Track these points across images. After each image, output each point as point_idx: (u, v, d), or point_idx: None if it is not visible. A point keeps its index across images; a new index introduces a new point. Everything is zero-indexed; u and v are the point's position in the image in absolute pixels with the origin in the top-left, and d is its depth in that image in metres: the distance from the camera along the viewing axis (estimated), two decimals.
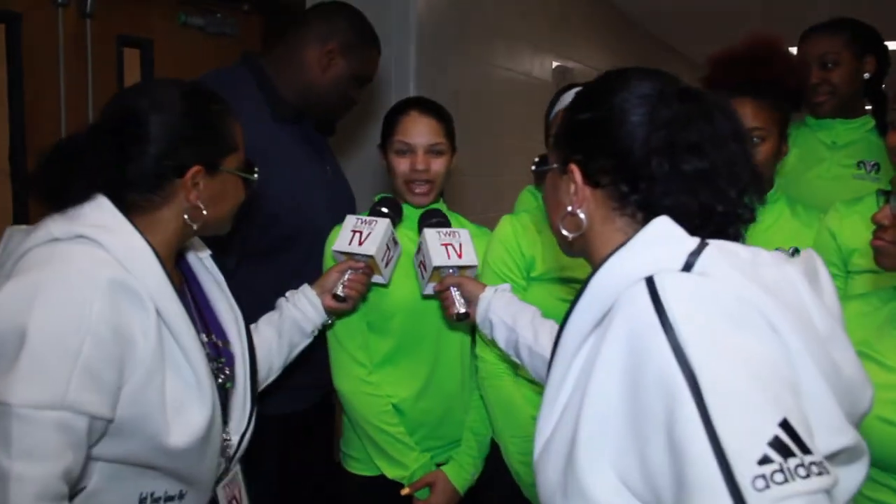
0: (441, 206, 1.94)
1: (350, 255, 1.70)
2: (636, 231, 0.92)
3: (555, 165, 1.07)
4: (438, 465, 1.87)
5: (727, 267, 0.83)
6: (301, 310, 1.66)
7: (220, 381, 1.33)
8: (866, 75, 2.32)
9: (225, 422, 1.35)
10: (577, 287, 1.72)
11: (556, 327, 1.48)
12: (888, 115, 1.61)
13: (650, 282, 0.83)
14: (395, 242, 1.77)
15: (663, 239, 0.88)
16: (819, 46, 2.31)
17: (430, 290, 1.75)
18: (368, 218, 1.73)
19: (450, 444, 1.91)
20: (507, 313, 1.59)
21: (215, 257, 1.50)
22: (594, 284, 0.90)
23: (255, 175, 1.40)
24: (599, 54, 5.32)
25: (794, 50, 2.31)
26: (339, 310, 1.72)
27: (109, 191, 1.20)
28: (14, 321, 1.05)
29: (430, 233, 1.73)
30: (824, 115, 2.35)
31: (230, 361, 1.40)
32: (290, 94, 2.03)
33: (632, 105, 0.97)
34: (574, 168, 1.02)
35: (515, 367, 1.80)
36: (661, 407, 0.76)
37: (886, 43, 2.38)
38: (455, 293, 1.67)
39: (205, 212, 1.28)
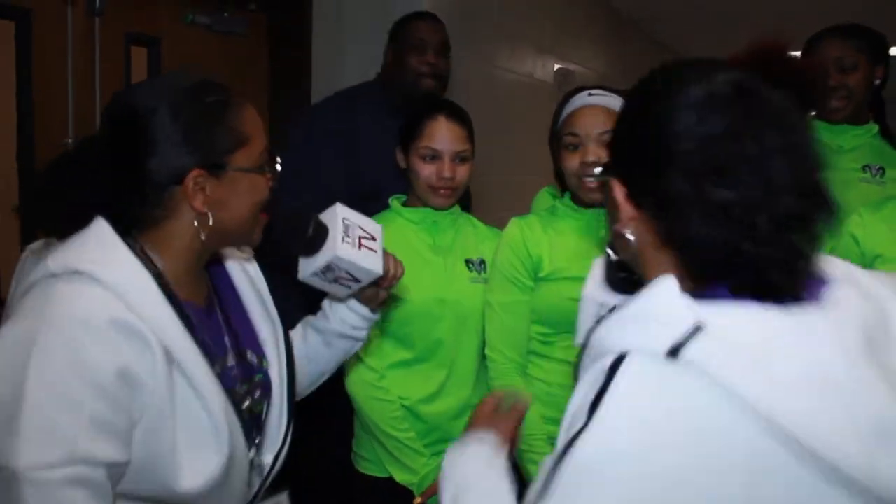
0: (454, 210, 1.94)
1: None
2: (679, 266, 0.83)
3: (606, 177, 0.94)
4: None
5: (719, 362, 0.73)
6: (350, 323, 1.42)
7: (246, 405, 1.22)
8: (877, 82, 2.31)
9: (259, 445, 1.26)
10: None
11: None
12: None
13: (618, 360, 0.77)
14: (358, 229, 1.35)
15: (655, 311, 0.78)
16: (836, 50, 2.27)
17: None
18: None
19: None
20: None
21: (261, 263, 1.37)
22: (589, 345, 0.85)
23: (278, 166, 1.24)
24: (601, 57, 5.34)
25: (797, 52, 2.30)
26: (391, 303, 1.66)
27: (110, 210, 1.11)
28: (12, 377, 0.98)
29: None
30: (839, 120, 2.30)
31: (265, 381, 1.29)
32: (396, 92, 2.42)
33: (672, 113, 0.83)
34: (614, 183, 0.90)
35: (525, 367, 1.80)
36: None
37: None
38: None
39: (212, 219, 1.14)
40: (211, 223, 1.14)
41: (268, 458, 1.28)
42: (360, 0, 3.13)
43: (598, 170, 1.04)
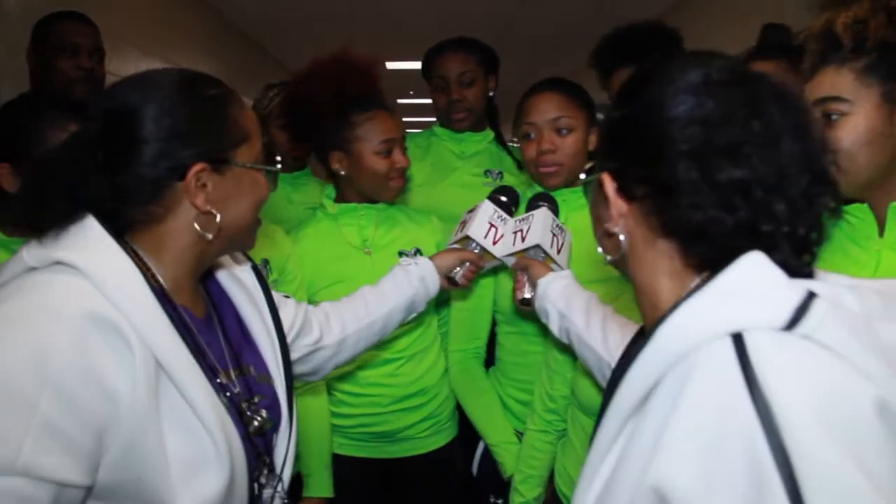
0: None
1: (477, 247, 1.70)
2: (682, 256, 0.79)
3: (598, 175, 0.89)
4: None
5: (840, 331, 0.68)
6: (426, 287, 1.65)
7: (256, 424, 1.12)
8: (491, 93, 2.54)
9: (272, 467, 1.17)
10: None
11: (611, 313, 1.44)
12: (518, 129, 1.79)
13: (738, 341, 0.68)
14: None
15: (759, 284, 0.71)
16: (457, 65, 2.44)
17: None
18: (504, 215, 1.72)
19: None
20: (560, 299, 1.50)
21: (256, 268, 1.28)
22: (659, 337, 0.73)
23: (279, 165, 1.18)
24: (206, 59, 5.19)
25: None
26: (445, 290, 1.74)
27: (101, 207, 1.00)
28: None
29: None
30: (462, 130, 2.50)
31: (272, 398, 1.20)
32: None
33: (669, 97, 0.79)
34: (605, 177, 0.86)
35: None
36: (745, 495, 0.64)
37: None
38: (525, 277, 1.65)
39: (218, 217, 1.06)
40: (219, 222, 1.07)
41: (278, 465, 1.19)
42: None
43: (582, 176, 1.03)
